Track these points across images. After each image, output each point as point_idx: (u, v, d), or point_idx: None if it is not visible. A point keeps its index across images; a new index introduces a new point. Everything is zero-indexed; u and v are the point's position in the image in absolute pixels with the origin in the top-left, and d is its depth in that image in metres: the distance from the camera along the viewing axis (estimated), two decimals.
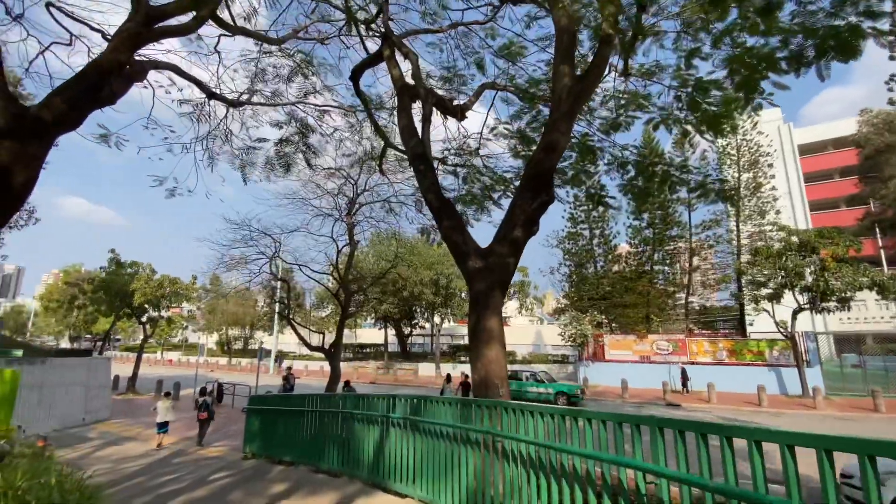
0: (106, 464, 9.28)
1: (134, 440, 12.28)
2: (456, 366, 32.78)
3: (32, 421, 12.57)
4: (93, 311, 24.65)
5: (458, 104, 9.37)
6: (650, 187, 10.32)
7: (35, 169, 5.65)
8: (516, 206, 6.36)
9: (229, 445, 11.12)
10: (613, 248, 29.62)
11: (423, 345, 49.26)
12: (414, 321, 38.87)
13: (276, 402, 8.23)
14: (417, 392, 24.38)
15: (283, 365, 36.94)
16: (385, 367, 34.00)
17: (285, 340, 52.19)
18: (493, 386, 5.76)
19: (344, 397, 6.70)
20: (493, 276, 6.11)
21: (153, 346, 58.20)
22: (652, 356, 26.87)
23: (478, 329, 5.99)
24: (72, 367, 14.09)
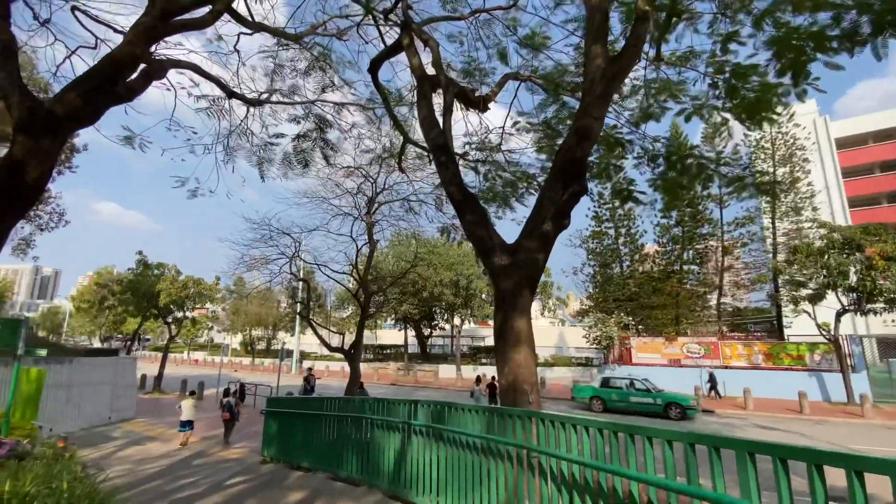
0: (127, 464, 9.23)
1: (156, 440, 12.30)
2: (476, 367, 32.30)
3: (61, 419, 12.74)
4: (121, 312, 25.28)
5: (480, 95, 8.99)
6: (683, 181, 9.69)
7: (48, 164, 5.52)
8: (545, 198, 5.92)
9: (249, 447, 10.99)
10: (640, 248, 28.62)
11: (444, 346, 48.92)
12: (434, 322, 38.59)
13: (293, 405, 8.00)
14: (437, 394, 24.11)
15: (303, 365, 37.20)
16: (405, 369, 33.78)
17: (307, 341, 52.68)
18: (523, 392, 5.33)
19: (362, 401, 6.38)
20: (521, 273, 5.68)
21: (180, 346, 59.72)
22: (682, 360, 25.81)
23: (504, 330, 5.58)
24: (99, 367, 14.27)
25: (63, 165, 19.09)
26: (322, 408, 7.22)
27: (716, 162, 9.68)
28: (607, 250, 28.79)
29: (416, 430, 5.11)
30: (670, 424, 12.70)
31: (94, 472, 9.11)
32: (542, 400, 7.45)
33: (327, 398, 7.29)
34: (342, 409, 6.76)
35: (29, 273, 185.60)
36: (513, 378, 5.42)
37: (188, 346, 57.17)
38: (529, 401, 5.33)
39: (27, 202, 5.29)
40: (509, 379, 5.44)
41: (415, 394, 24.22)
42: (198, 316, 53.24)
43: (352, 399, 6.75)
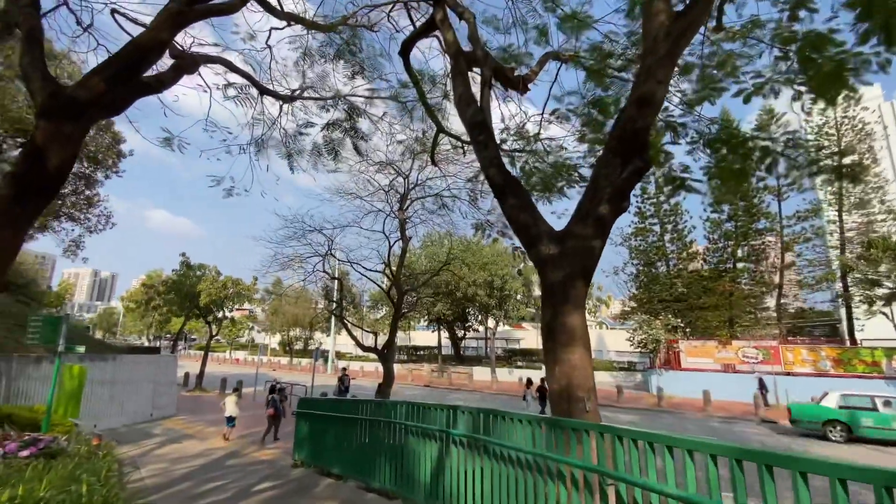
0: (161, 463, 9.14)
1: (194, 438, 12.31)
2: (512, 370, 31.36)
3: (105, 416, 13.02)
4: (166, 312, 26.17)
5: (519, 75, 8.31)
6: (745, 167, 8.60)
7: (69, 150, 5.31)
8: (600, 176, 5.16)
9: (283, 448, 10.75)
10: (688, 245, 26.80)
11: (477, 348, 48.12)
12: (467, 324, 37.93)
13: (324, 407, 7.60)
14: (472, 397, 23.38)
15: (338, 365, 37.45)
16: (439, 370, 33.27)
17: (342, 342, 53.32)
18: (577, 399, 4.60)
19: (394, 405, 5.83)
20: (573, 263, 4.96)
21: (223, 346, 61.97)
22: (738, 365, 23.92)
23: (554, 327, 4.88)
24: (141, 364, 14.55)
25: (110, 170, 19.91)
26: (353, 410, 6.75)
27: (784, 144, 8.59)
28: (652, 248, 27.14)
29: (456, 441, 4.50)
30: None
31: (129, 470, 9.08)
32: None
33: (359, 400, 6.82)
34: (374, 412, 6.25)
35: (88, 276, 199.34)
36: (566, 383, 4.70)
37: (230, 345, 59.20)
38: (586, 409, 4.60)
39: (49, 190, 5.10)
40: (562, 384, 4.73)
41: (449, 396, 23.61)
42: (238, 316, 55.09)
43: (384, 402, 6.23)
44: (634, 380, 31.11)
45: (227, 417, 11.75)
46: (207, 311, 24.40)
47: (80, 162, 18.67)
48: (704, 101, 8.56)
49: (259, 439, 11.79)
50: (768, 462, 2.11)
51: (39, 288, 46.53)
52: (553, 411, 4.86)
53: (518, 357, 35.51)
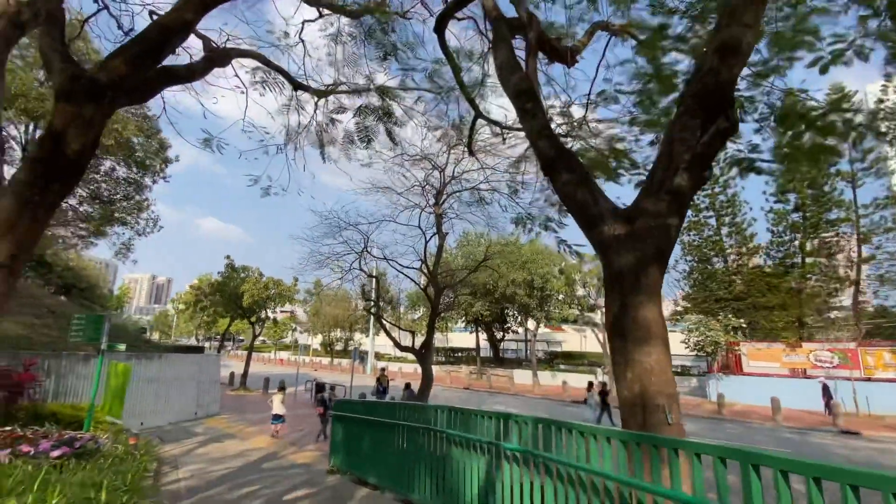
0: (201, 462, 8.99)
1: (235, 437, 12.25)
2: (555, 374, 30.08)
3: (150, 414, 13.25)
4: (212, 312, 26.98)
5: (566, 46, 7.51)
6: (827, 144, 7.35)
7: (89, 134, 5.04)
8: (675, 141, 4.31)
9: (321, 451, 10.43)
10: (749, 238, 24.60)
11: (517, 351, 46.88)
12: (506, 325, 36.90)
13: (361, 410, 7.10)
14: (515, 401, 22.42)
15: (377, 366, 37.45)
16: (478, 373, 32.48)
17: (381, 343, 53.60)
18: (655, 409, 3.79)
19: (435, 410, 5.20)
20: (645, 244, 4.15)
21: (268, 346, 63.98)
22: (808, 369, 21.64)
23: (623, 322, 4.09)
24: (185, 363, 14.77)
25: (158, 175, 20.68)
26: (391, 415, 6.19)
27: (873, 115, 7.29)
28: (707, 243, 25.12)
29: (508, 456, 3.80)
30: None
31: (168, 470, 8.98)
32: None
33: (397, 404, 6.25)
34: (413, 417, 5.65)
35: (147, 281, 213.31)
36: (640, 389, 3.89)
37: (275, 346, 61.02)
38: (668, 421, 3.78)
39: (69, 177, 4.86)
40: (635, 390, 3.92)
41: (489, 399, 22.80)
42: (281, 318, 56.65)
43: (424, 407, 5.61)
44: (689, 385, 29.04)
45: (273, 415, 12.00)
46: (251, 312, 24.90)
47: (130, 168, 19.55)
48: (775, 72, 7.44)
49: (298, 440, 11.73)
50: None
51: (101, 292, 49.74)
52: (625, 423, 4.06)
53: (560, 360, 34.09)
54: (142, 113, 18.46)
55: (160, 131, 19.87)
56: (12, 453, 5.50)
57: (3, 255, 4.22)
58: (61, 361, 10.72)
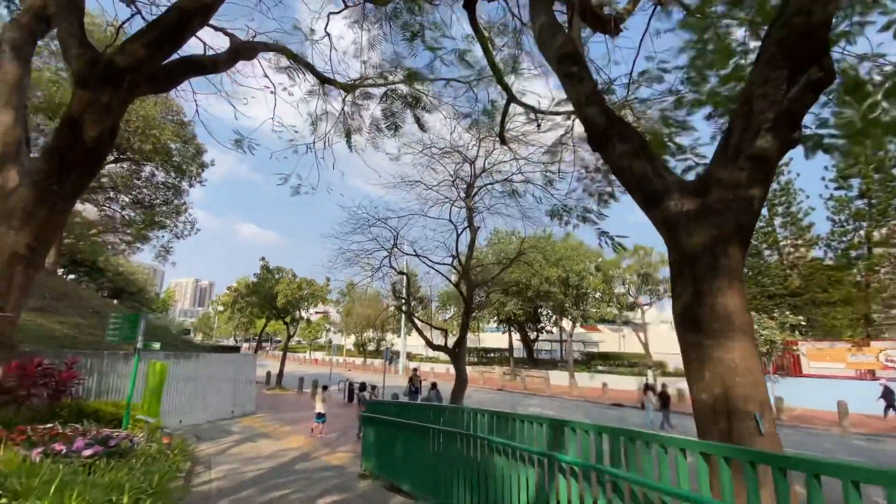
0: (234, 462, 8.86)
1: (269, 437, 12.17)
2: (593, 376, 28.90)
3: (189, 412, 13.41)
4: (248, 313, 27.55)
5: (609, 14, 6.86)
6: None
7: (107, 121, 4.85)
8: (755, 97, 3.64)
9: (354, 452, 10.15)
10: (806, 229, 22.68)
11: (551, 351, 45.65)
12: (540, 325, 35.87)
13: (392, 412, 6.70)
14: (552, 403, 21.56)
15: (409, 366, 37.30)
16: (512, 374, 31.70)
17: (413, 343, 53.57)
18: (743, 415, 3.15)
19: (475, 414, 4.70)
20: (722, 220, 3.51)
21: (303, 347, 65.32)
22: (878, 370, 19.69)
23: (697, 313, 3.46)
24: (221, 363, 14.92)
25: (194, 179, 21.25)
26: (425, 418, 5.74)
27: None
28: (759, 235, 23.32)
29: (565, 470, 3.24)
30: None
31: (201, 469, 8.91)
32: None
33: (431, 406, 5.79)
34: (450, 421, 5.17)
35: (191, 285, 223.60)
36: (721, 391, 3.26)
37: (310, 346, 62.21)
38: (759, 431, 3.12)
39: (87, 165, 4.71)
40: (715, 392, 3.29)
41: (524, 401, 22.05)
42: (315, 319, 57.66)
43: (460, 410, 5.12)
44: None
45: (317, 414, 12.25)
46: (285, 312, 25.22)
47: (168, 173, 20.17)
48: (845, 37, 6.52)
49: (332, 440, 11.56)
50: None
51: (148, 295, 52.16)
52: (702, 431, 3.43)
53: (598, 361, 32.79)
54: (178, 119, 19.00)
55: (196, 137, 20.41)
56: (44, 452, 5.42)
57: (21, 245, 4.06)
58: (103, 360, 10.94)
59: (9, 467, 4.60)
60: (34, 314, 12.00)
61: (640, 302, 26.46)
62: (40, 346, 10.86)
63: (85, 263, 34.08)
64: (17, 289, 3.79)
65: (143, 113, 16.19)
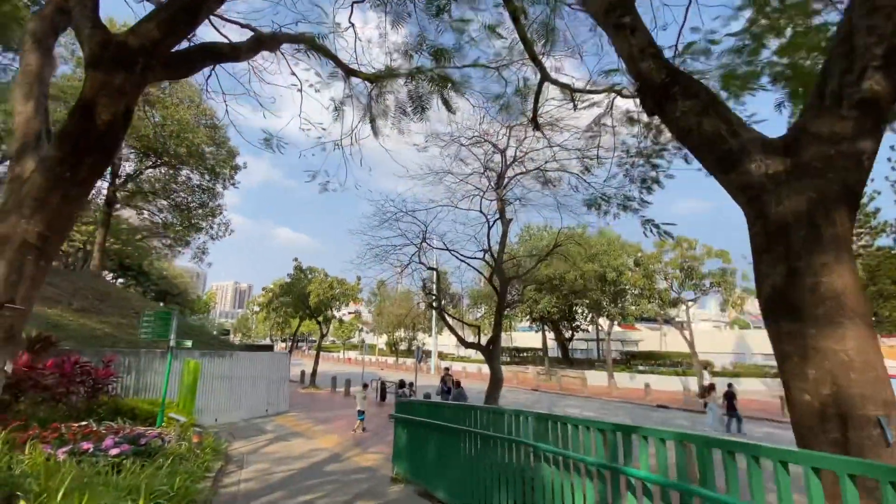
0: (265, 462, 8.69)
1: (301, 436, 12.05)
2: (634, 376, 27.59)
3: (224, 410, 13.51)
4: (283, 313, 27.98)
5: None
6: None
7: (120, 104, 4.61)
8: (858, 32, 2.96)
9: (385, 454, 9.81)
10: (872, 215, 20.67)
11: (587, 350, 44.20)
12: (575, 323, 34.65)
13: (424, 413, 6.27)
14: (592, 405, 20.60)
15: (440, 365, 36.96)
16: (547, 373, 30.76)
17: (444, 342, 53.26)
18: (864, 422, 2.50)
19: (516, 416, 4.18)
20: (825, 181, 2.86)
21: (337, 346, 66.37)
22: None
23: (795, 296, 2.81)
24: (255, 361, 15.01)
25: (228, 181, 21.69)
26: (459, 420, 5.27)
27: None
28: None
29: (636, 487, 2.68)
30: None
31: (233, 469, 8.79)
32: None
33: (465, 407, 5.32)
34: (488, 424, 4.67)
35: (231, 288, 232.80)
36: (831, 391, 2.60)
37: (343, 345, 63.12)
38: (887, 441, 2.46)
39: (100, 151, 4.50)
40: (822, 393, 2.64)
41: (561, 402, 21.21)
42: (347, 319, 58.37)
43: (499, 411, 4.61)
44: None
45: (358, 411, 12.39)
46: (318, 312, 25.42)
47: (203, 176, 20.69)
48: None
49: (364, 440, 11.33)
50: None
51: (191, 297, 54.34)
52: (803, 439, 2.78)
53: (638, 360, 31.34)
54: (211, 123, 19.44)
55: (229, 140, 20.87)
56: (72, 451, 5.32)
57: (32, 234, 3.87)
58: (140, 358, 11.11)
59: (32, 467, 4.48)
60: (77, 314, 12.43)
61: (683, 298, 24.98)
62: (81, 345, 11.13)
63: (132, 268, 35.73)
64: (28, 280, 3.55)
65: (178, 117, 16.69)
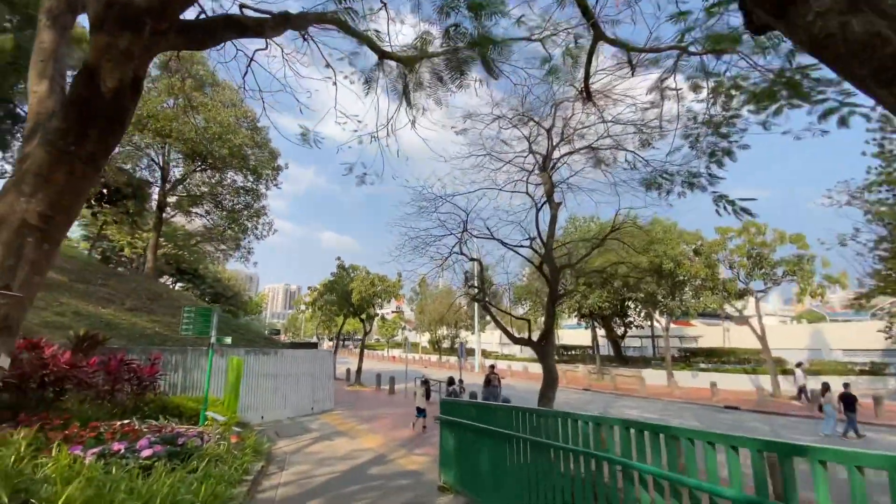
0: (307, 464, 8.32)
1: (345, 436, 11.70)
2: (696, 374, 25.51)
3: (270, 408, 13.46)
4: (327, 311, 28.31)
5: None
6: None
7: (126, 69, 4.16)
8: None
9: (431, 456, 9.20)
10: None
11: (641, 348, 41.80)
12: (627, 319, 32.64)
13: (473, 415, 5.53)
14: (653, 406, 18.99)
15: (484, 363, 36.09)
16: (598, 372, 29.17)
17: (487, 339, 52.37)
18: None
19: (594, 422, 3.36)
20: None
21: (381, 345, 67.17)
22: None
23: None
24: (300, 359, 14.92)
25: (270, 182, 22.01)
26: (518, 426, 4.50)
27: None
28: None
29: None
30: None
31: (274, 471, 8.47)
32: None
33: (526, 411, 4.52)
34: (551, 431, 3.87)
35: (282, 290, 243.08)
36: None
37: (387, 343, 63.77)
38: None
39: (107, 122, 4.13)
40: None
41: (617, 402, 19.81)
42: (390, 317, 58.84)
43: (575, 417, 3.79)
44: (884, 385, 22.52)
45: (417, 408, 12.35)
46: (361, 309, 25.45)
47: (246, 177, 21.12)
48: None
49: (408, 441, 10.84)
50: None
51: (243, 299, 56.76)
52: None
53: (700, 358, 29.00)
54: (252, 125, 19.77)
55: (270, 141, 21.17)
56: (102, 452, 5.05)
57: (33, 214, 3.49)
58: (187, 356, 11.16)
59: (54, 470, 4.18)
60: (129, 313, 12.79)
61: (751, 289, 22.65)
62: (131, 342, 11.36)
63: (188, 271, 37.59)
64: (28, 264, 3.11)
65: (220, 119, 17.08)
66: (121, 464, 4.83)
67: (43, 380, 6.45)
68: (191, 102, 16.57)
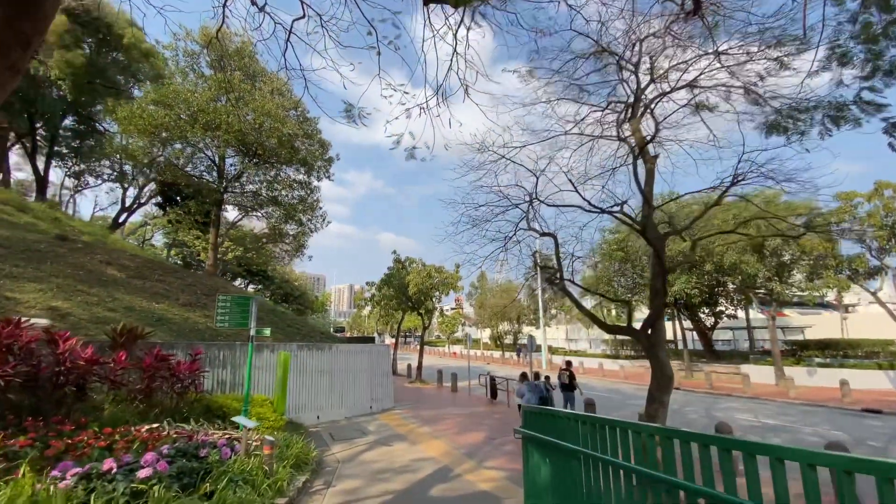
0: (357, 479, 7.02)
1: (405, 440, 10.36)
2: (814, 370, 21.44)
3: (326, 408, 12.52)
4: (384, 305, 27.62)
5: None
6: None
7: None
8: None
9: (506, 471, 7.55)
10: None
11: (734, 341, 36.96)
12: (717, 308, 28.54)
13: (572, 435, 3.75)
14: (765, 409, 15.90)
15: (552, 359, 33.57)
16: (688, 369, 25.74)
17: (552, 336, 49.47)
18: None
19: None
20: None
21: (442, 341, 66.41)
22: None
23: None
24: (356, 354, 13.90)
25: (322, 174, 21.46)
26: (665, 461, 2.71)
27: None
28: None
29: None
30: None
31: (318, 487, 7.25)
32: None
33: (694, 437, 2.71)
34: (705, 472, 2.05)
35: (347, 290, 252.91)
36: None
37: (448, 339, 62.82)
38: None
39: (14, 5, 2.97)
40: None
41: (718, 405, 16.80)
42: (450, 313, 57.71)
43: (782, 452, 1.96)
44: None
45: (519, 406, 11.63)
46: (419, 303, 24.37)
47: (298, 170, 20.73)
48: None
49: (476, 449, 9.22)
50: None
51: (310, 299, 58.57)
52: None
53: (813, 351, 24.49)
54: (301, 115, 19.27)
55: (320, 132, 20.62)
56: (87, 474, 3.94)
57: None
58: (236, 351, 10.41)
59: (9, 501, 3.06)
60: (182, 308, 12.45)
61: (887, 265, 18.38)
62: (181, 337, 10.83)
63: (258, 273, 38.88)
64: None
65: (266, 108, 16.62)
66: (105, 490, 3.67)
67: (59, 378, 5.62)
68: (237, 95, 16.21)
